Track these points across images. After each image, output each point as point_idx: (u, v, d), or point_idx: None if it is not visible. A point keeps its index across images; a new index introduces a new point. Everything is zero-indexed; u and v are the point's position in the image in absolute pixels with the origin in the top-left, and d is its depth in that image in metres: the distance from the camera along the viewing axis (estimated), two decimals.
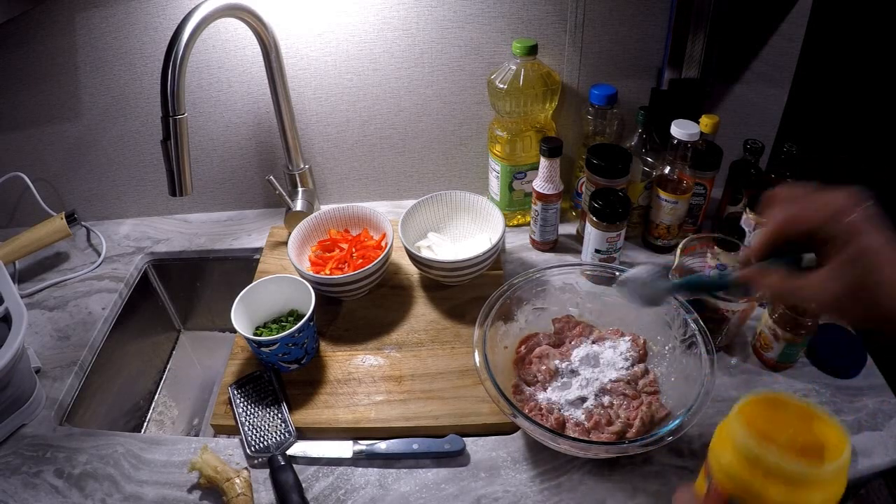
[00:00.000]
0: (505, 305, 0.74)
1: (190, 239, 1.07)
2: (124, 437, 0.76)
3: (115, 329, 0.95)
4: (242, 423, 0.74)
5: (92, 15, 0.90)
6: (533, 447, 0.71)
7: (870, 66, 0.91)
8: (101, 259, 1.03)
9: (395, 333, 0.86)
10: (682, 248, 0.79)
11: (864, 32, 0.89)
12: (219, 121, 1.01)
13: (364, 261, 0.89)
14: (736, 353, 0.80)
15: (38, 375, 0.82)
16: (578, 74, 0.95)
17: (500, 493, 0.67)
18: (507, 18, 0.90)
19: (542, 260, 0.97)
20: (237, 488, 0.65)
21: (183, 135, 0.71)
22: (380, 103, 0.99)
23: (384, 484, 0.69)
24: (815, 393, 0.74)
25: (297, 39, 0.92)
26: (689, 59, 0.89)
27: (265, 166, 1.07)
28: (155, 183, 1.08)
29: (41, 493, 0.70)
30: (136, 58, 0.94)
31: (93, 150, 1.04)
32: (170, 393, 1.06)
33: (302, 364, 0.81)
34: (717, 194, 0.97)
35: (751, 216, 0.84)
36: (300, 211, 0.98)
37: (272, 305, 0.84)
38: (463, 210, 0.95)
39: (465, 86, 0.97)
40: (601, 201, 0.83)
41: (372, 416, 0.75)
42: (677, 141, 0.84)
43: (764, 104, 0.97)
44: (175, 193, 0.74)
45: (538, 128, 0.95)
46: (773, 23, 0.89)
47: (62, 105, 0.98)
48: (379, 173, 1.08)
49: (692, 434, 0.70)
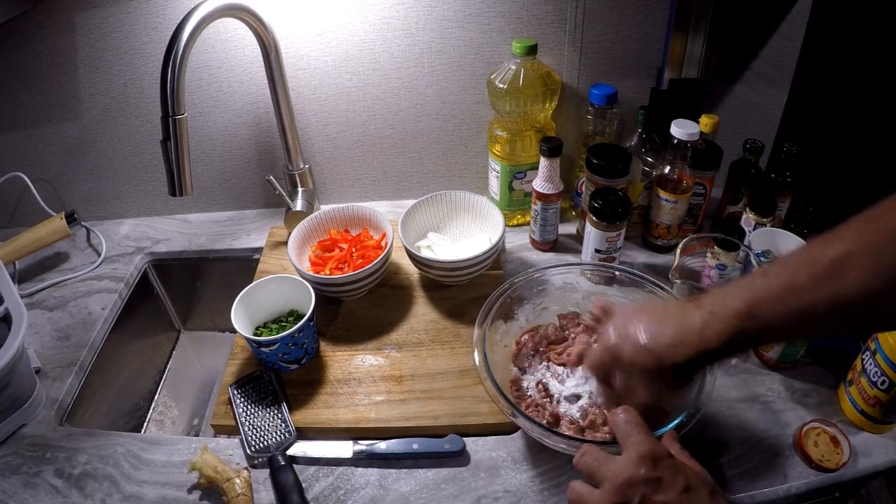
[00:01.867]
0: (505, 305, 0.74)
1: (190, 239, 1.07)
2: (124, 437, 0.76)
3: (115, 329, 0.95)
4: (242, 423, 0.74)
5: (92, 15, 0.90)
6: (533, 447, 0.71)
7: (870, 66, 0.90)
8: (101, 259, 1.03)
9: (395, 333, 0.86)
10: (682, 248, 0.79)
11: (864, 32, 0.89)
12: (219, 121, 1.01)
13: (364, 261, 0.89)
14: None
15: (38, 375, 0.82)
16: (578, 74, 0.95)
17: (500, 493, 0.67)
18: (506, 18, 0.90)
19: (542, 260, 0.97)
20: (237, 488, 0.65)
21: (183, 135, 0.71)
22: (380, 103, 0.99)
23: (384, 484, 0.69)
24: (816, 393, 0.74)
25: (297, 39, 0.92)
26: (689, 59, 0.89)
27: (265, 166, 1.07)
28: (155, 183, 1.08)
29: (41, 493, 0.70)
30: (136, 58, 0.94)
31: (93, 150, 1.04)
32: (170, 393, 1.06)
33: (302, 364, 0.81)
34: (717, 194, 0.97)
35: (751, 216, 0.84)
36: (300, 211, 0.98)
37: (272, 305, 0.84)
38: (463, 210, 0.95)
39: (465, 86, 0.97)
40: (601, 201, 0.83)
41: (372, 416, 0.75)
42: (677, 141, 0.84)
43: (764, 104, 0.97)
44: (175, 193, 0.74)
45: (538, 128, 0.95)
46: (773, 23, 0.89)
47: (62, 105, 0.98)
48: (379, 173, 1.08)
49: (692, 434, 0.70)
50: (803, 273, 0.45)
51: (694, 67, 0.90)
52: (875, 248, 0.43)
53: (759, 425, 0.71)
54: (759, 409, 0.73)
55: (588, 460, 0.51)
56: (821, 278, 0.45)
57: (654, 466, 0.47)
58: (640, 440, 0.49)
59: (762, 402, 0.73)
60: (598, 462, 0.50)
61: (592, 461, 0.50)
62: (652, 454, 0.48)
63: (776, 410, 0.72)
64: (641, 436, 0.50)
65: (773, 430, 0.70)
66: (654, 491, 0.46)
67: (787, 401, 0.73)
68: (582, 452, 0.52)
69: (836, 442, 0.67)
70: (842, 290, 0.44)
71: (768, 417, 0.72)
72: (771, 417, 0.72)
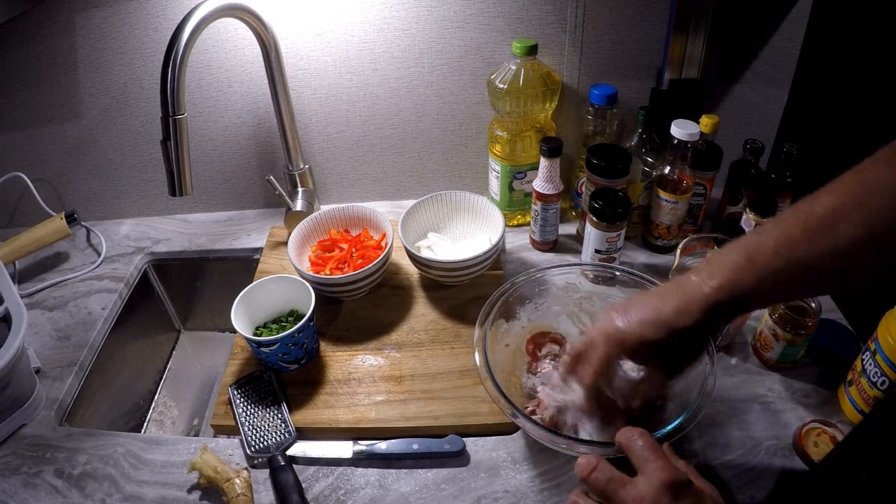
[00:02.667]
0: (506, 304, 0.74)
1: (190, 239, 1.07)
2: (124, 437, 0.76)
3: (115, 329, 0.95)
4: (242, 423, 0.74)
5: (92, 15, 0.90)
6: (533, 447, 0.71)
7: (870, 66, 0.90)
8: (101, 259, 1.03)
9: (395, 333, 0.86)
10: (682, 249, 0.79)
11: (865, 32, 0.89)
12: (219, 121, 1.01)
13: (364, 261, 0.89)
14: (736, 353, 0.80)
15: (38, 375, 0.82)
16: (578, 74, 0.95)
17: (500, 493, 0.67)
18: (507, 18, 0.90)
19: (542, 260, 0.97)
20: (237, 488, 0.65)
21: (183, 135, 0.71)
22: (380, 103, 0.99)
23: (384, 484, 0.69)
24: (816, 393, 0.74)
25: (297, 39, 0.92)
26: (689, 59, 0.89)
27: (265, 166, 1.07)
28: (155, 183, 1.08)
29: (41, 493, 0.70)
30: (136, 58, 0.94)
31: (93, 150, 1.04)
32: (170, 393, 1.06)
33: (302, 364, 0.81)
34: (717, 194, 0.97)
35: (751, 216, 0.84)
36: (300, 211, 0.98)
37: (272, 305, 0.84)
38: (463, 210, 0.95)
39: (465, 86, 0.97)
40: (601, 201, 0.83)
41: (372, 416, 0.75)
42: (677, 141, 0.84)
43: (764, 104, 0.97)
44: (175, 193, 0.74)
45: (538, 128, 0.95)
46: (773, 23, 0.89)
47: (62, 105, 0.98)
48: (379, 173, 1.08)
49: (692, 434, 0.70)
50: (797, 228, 0.47)
51: (694, 67, 0.90)
52: (863, 200, 0.45)
53: (759, 425, 0.71)
54: (759, 409, 0.73)
55: (602, 479, 0.49)
56: (813, 231, 0.47)
57: (676, 496, 0.46)
58: (661, 466, 0.48)
59: (762, 403, 0.73)
60: (615, 483, 0.48)
61: (607, 482, 0.49)
62: (675, 483, 0.47)
63: (776, 410, 0.72)
64: (661, 461, 0.49)
65: (773, 430, 0.70)
66: None
67: (787, 401, 0.73)
68: (592, 467, 0.50)
69: (836, 442, 0.67)
70: (833, 241, 0.46)
71: (768, 417, 0.72)
72: (771, 417, 0.72)
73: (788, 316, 0.72)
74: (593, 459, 0.50)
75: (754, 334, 0.79)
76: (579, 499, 0.51)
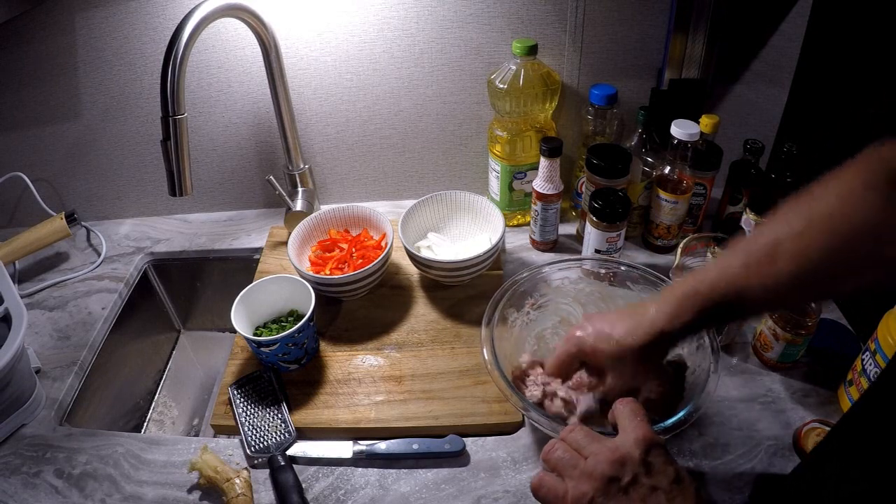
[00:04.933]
0: (511, 301, 0.74)
1: (190, 239, 1.07)
2: (124, 437, 0.76)
3: (114, 329, 0.95)
4: (242, 423, 0.74)
5: (92, 15, 0.90)
6: (533, 447, 0.71)
7: (870, 66, 0.90)
8: (101, 259, 1.03)
9: (395, 333, 0.86)
10: (682, 248, 0.79)
11: (865, 32, 0.89)
12: (219, 121, 1.01)
13: (364, 261, 0.89)
14: (736, 352, 0.80)
15: (38, 375, 0.82)
16: (578, 74, 0.95)
17: (500, 493, 0.67)
18: (507, 18, 0.90)
19: (542, 260, 0.97)
20: (237, 488, 0.65)
21: (183, 135, 0.71)
22: (380, 103, 0.99)
23: (384, 484, 0.69)
24: (816, 393, 0.74)
25: (297, 39, 0.92)
26: (689, 59, 0.89)
27: (265, 166, 1.07)
28: (155, 183, 1.08)
29: (41, 493, 0.70)
30: (136, 58, 0.94)
31: (93, 150, 1.04)
32: (170, 393, 1.06)
33: (302, 364, 0.81)
34: (717, 194, 0.97)
35: (751, 216, 0.84)
36: (300, 211, 0.98)
37: (272, 305, 0.84)
38: (463, 210, 0.95)
39: (465, 86, 0.97)
40: (601, 201, 0.83)
41: (372, 416, 0.75)
42: (677, 141, 0.84)
43: (764, 104, 0.97)
44: (175, 193, 0.74)
45: (538, 128, 0.95)
46: (773, 23, 0.89)
47: (62, 105, 0.98)
48: (379, 173, 1.08)
49: (692, 434, 0.70)
50: (738, 260, 0.50)
51: (694, 67, 0.90)
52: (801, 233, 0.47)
53: (759, 425, 0.71)
54: (759, 409, 0.73)
55: (578, 436, 0.51)
56: (752, 265, 0.49)
57: (647, 451, 0.48)
58: (640, 425, 0.51)
59: (762, 402, 0.73)
60: (590, 438, 0.51)
61: (584, 437, 0.51)
62: (650, 440, 0.49)
63: (776, 410, 0.72)
64: (642, 422, 0.51)
65: (773, 430, 0.70)
66: (645, 473, 0.47)
67: (787, 401, 0.73)
68: (570, 429, 0.52)
69: None
70: (773, 274, 0.48)
71: (768, 417, 0.72)
72: (771, 417, 0.72)
73: (788, 316, 0.72)
74: (573, 425, 0.54)
75: (754, 334, 0.79)
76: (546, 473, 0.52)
